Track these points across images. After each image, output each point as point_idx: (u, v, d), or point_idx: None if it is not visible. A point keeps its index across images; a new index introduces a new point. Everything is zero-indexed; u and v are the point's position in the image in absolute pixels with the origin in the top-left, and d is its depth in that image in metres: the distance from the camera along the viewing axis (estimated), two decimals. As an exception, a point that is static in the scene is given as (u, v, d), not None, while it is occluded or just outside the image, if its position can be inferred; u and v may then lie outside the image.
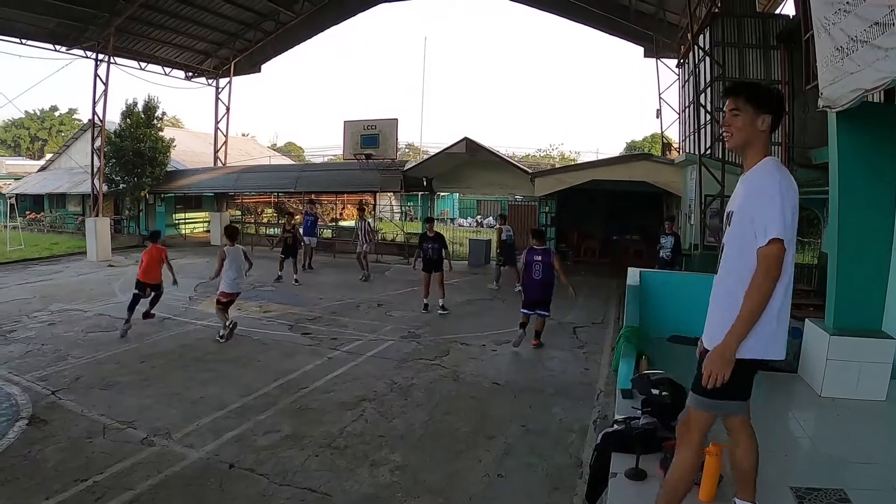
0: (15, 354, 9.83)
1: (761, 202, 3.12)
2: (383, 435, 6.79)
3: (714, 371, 3.13)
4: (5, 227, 27.36)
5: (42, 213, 35.34)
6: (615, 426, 4.64)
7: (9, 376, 8.70)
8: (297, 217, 19.86)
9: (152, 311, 12.13)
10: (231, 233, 11.67)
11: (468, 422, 7.21)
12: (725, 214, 3.50)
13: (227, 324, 10.95)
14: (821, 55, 5.90)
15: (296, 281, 17.31)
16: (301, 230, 18.81)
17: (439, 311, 13.50)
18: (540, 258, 10.66)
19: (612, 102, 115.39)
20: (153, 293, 12.07)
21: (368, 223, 18.81)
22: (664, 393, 4.65)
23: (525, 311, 10.68)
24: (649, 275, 8.41)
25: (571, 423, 7.17)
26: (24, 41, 22.38)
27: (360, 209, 19.86)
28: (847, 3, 5.21)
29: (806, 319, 6.50)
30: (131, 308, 11.43)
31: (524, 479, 5.82)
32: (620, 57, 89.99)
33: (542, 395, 8.23)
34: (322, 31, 28.54)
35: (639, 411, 4.68)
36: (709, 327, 3.48)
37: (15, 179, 38.53)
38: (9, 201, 29.78)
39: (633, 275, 8.34)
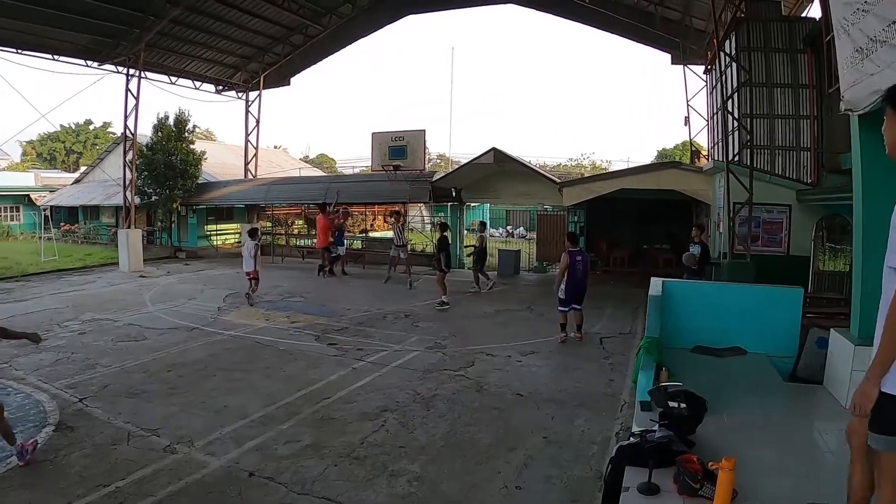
0: (45, 363, 10.00)
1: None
2: (403, 446, 6.76)
3: (854, 401, 3.05)
4: (40, 238, 27.86)
5: (76, 225, 36.02)
6: (631, 439, 4.58)
7: (38, 384, 8.86)
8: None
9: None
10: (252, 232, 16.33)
11: (489, 433, 7.16)
12: None
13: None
14: (841, 57, 5.80)
15: (344, 272, 19.87)
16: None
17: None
18: (581, 258, 11.61)
19: (642, 111, 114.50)
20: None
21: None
22: (681, 405, 4.58)
23: (564, 308, 11.70)
24: (673, 285, 8.30)
25: (594, 435, 7.07)
26: (55, 57, 22.91)
27: (396, 213, 20.56)
28: (865, 2, 5.12)
29: (831, 329, 6.37)
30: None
31: (543, 491, 5.75)
32: (649, 65, 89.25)
33: (565, 406, 8.13)
34: (350, 43, 28.77)
35: (656, 424, 4.62)
36: None
37: (50, 192, 39.32)
38: (43, 213, 30.32)
39: (655, 285, 8.23)
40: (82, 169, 44.14)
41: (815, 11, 15.95)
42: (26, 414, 7.64)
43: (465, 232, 26.65)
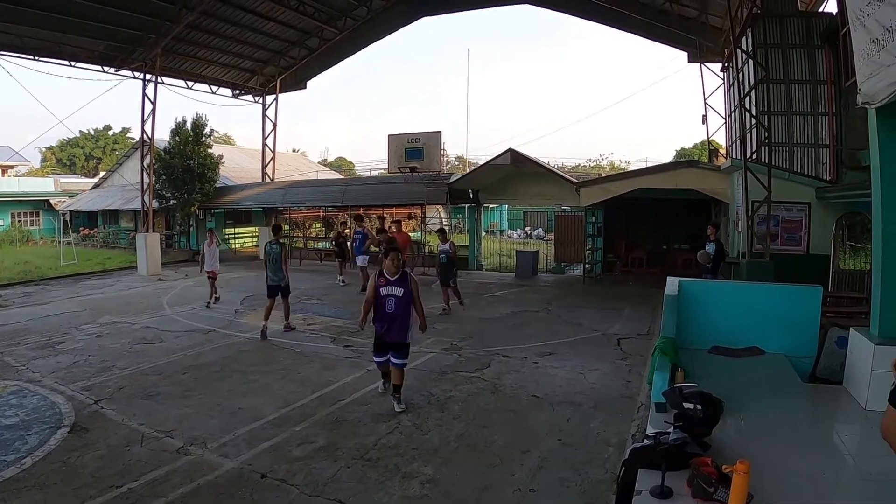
0: (62, 365, 10.07)
1: None
2: (417, 448, 6.71)
3: None
4: (59, 242, 28.12)
5: (95, 229, 36.33)
6: (645, 441, 4.50)
7: (54, 386, 8.92)
8: (347, 230, 19.70)
9: None
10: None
11: (504, 435, 7.09)
12: None
13: None
14: (857, 49, 5.70)
15: (342, 282, 18.80)
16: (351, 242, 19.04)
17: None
18: (399, 290, 8.00)
19: (660, 110, 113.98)
20: None
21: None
22: (696, 406, 4.50)
23: (377, 357, 8.23)
24: (690, 284, 8.18)
25: (609, 437, 6.99)
26: (72, 63, 23.17)
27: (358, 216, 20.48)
28: (881, -9, 5.03)
29: (851, 328, 6.26)
30: None
31: (557, 493, 5.67)
32: (667, 63, 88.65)
33: (581, 408, 8.05)
34: (366, 46, 28.89)
35: (671, 426, 4.53)
36: None
37: (69, 197, 39.69)
38: (62, 218, 30.61)
39: (671, 284, 8.12)
40: (101, 174, 44.55)
41: (831, 6, 15.82)
42: (42, 415, 7.67)
43: (483, 234, 26.70)
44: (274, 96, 30.75)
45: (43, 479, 5.91)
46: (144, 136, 23.94)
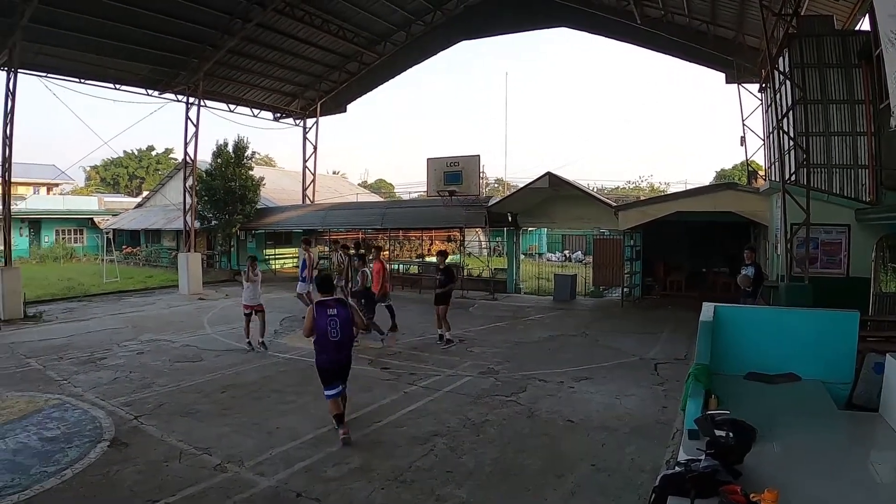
0: (104, 380, 10.29)
1: None
2: (451, 470, 6.69)
3: None
4: (102, 260, 28.67)
5: (138, 248, 37.02)
6: (676, 468, 4.47)
7: (95, 400, 9.12)
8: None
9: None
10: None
11: (538, 460, 7.04)
12: None
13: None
14: (890, 70, 5.67)
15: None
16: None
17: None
18: (336, 312, 7.64)
19: (700, 131, 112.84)
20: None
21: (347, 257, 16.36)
22: (729, 434, 4.48)
23: (329, 391, 7.77)
24: (725, 309, 8.09)
25: (644, 463, 6.90)
26: (118, 86, 23.73)
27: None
28: (910, 13, 5.01)
29: (887, 354, 6.14)
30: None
31: (590, 519, 5.66)
32: (705, 84, 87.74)
33: (616, 433, 7.97)
34: (405, 69, 29.25)
35: (703, 453, 4.51)
36: None
37: (113, 216, 40.61)
38: (106, 236, 31.22)
39: (706, 310, 8.04)
40: (144, 194, 45.42)
41: (868, 24, 15.60)
42: (82, 429, 7.83)
43: (522, 257, 26.64)
44: (314, 119, 31.19)
45: (83, 491, 6.05)
46: (187, 157, 24.45)
